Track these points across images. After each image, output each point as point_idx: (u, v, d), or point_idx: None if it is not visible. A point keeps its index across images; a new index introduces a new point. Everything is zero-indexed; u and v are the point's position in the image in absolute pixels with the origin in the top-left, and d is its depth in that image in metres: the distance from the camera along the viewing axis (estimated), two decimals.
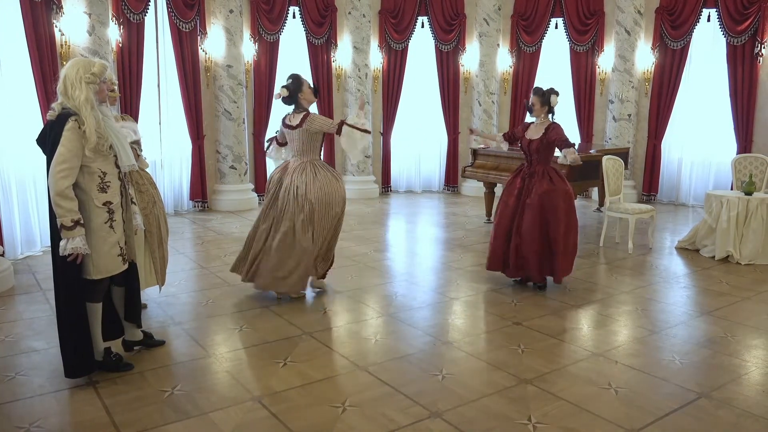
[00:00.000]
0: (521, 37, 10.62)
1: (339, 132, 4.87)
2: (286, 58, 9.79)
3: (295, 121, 4.91)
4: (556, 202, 5.21)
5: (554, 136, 5.21)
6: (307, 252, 4.85)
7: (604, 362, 3.96)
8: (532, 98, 5.31)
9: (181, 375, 3.69)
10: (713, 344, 4.29)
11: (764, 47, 9.22)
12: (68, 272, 3.34)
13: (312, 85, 5.00)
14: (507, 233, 5.38)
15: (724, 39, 9.45)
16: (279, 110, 9.78)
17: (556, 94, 5.30)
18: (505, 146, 5.83)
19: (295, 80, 4.92)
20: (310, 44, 9.90)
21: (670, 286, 5.70)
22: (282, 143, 5.23)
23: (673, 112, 10.04)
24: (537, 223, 5.21)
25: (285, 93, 4.88)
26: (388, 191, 11.14)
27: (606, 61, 10.29)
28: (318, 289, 5.31)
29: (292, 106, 4.98)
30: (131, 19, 7.91)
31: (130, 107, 7.91)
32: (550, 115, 5.34)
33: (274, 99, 9.59)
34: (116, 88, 4.28)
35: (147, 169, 4.66)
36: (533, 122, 5.43)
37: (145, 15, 8.10)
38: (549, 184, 5.23)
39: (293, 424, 3.14)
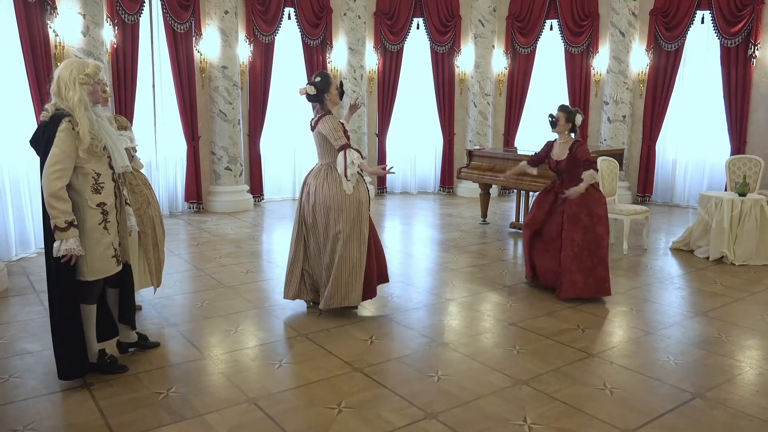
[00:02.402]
0: (516, 39, 10.64)
1: (338, 151, 4.56)
2: (281, 59, 9.79)
3: (313, 122, 4.68)
4: (586, 211, 5.16)
5: (581, 154, 5.15)
6: (351, 260, 4.62)
7: (599, 363, 3.97)
8: (558, 113, 5.25)
9: (176, 377, 3.68)
10: (708, 345, 4.30)
11: (758, 49, 9.27)
12: (62, 274, 3.33)
13: (339, 86, 4.69)
14: (532, 242, 5.44)
15: (718, 41, 9.49)
16: (275, 112, 9.82)
17: (581, 114, 5.28)
18: (534, 171, 5.78)
19: (324, 79, 4.59)
20: (305, 45, 9.89)
21: (664, 287, 5.72)
22: None
23: (667, 113, 10.08)
24: (578, 236, 5.13)
25: (312, 91, 4.55)
26: (383, 192, 11.15)
27: (601, 62, 10.32)
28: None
29: (316, 107, 4.69)
30: (126, 20, 7.89)
31: (124, 109, 7.88)
32: (572, 134, 5.30)
33: (269, 100, 9.64)
34: (108, 89, 4.26)
35: (142, 170, 4.65)
36: (555, 141, 5.40)
37: (140, 16, 8.08)
38: (584, 197, 5.16)
39: (289, 426, 3.14)
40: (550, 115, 5.28)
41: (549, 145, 5.46)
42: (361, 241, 4.65)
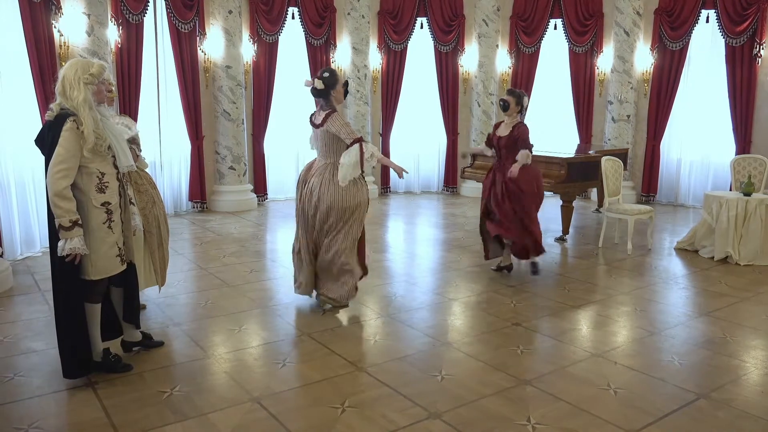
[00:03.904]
0: (520, 38, 10.62)
1: (350, 144, 4.55)
2: (285, 59, 9.79)
3: (319, 120, 4.64)
4: (524, 185, 5.66)
5: (518, 134, 5.67)
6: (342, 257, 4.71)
7: (603, 363, 3.96)
8: (508, 98, 5.76)
9: (180, 376, 3.69)
10: (712, 345, 4.29)
11: (763, 48, 9.22)
12: (67, 273, 3.34)
13: (345, 85, 4.69)
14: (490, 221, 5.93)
15: (723, 40, 9.45)
16: (278, 111, 9.82)
17: (527, 96, 5.89)
18: (489, 152, 6.15)
19: (332, 75, 4.59)
20: (309, 45, 9.89)
21: (669, 287, 5.71)
22: None
23: (672, 112, 10.05)
24: (510, 202, 5.67)
25: (320, 85, 4.55)
26: (387, 192, 11.14)
27: (605, 62, 10.30)
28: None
29: (320, 102, 4.68)
30: (130, 19, 7.91)
31: (129, 108, 7.91)
32: (519, 116, 5.80)
33: (273, 99, 9.65)
34: (114, 88, 4.27)
35: (146, 170, 4.65)
36: (503, 121, 5.88)
37: (144, 16, 8.10)
38: (521, 171, 5.65)
39: (292, 425, 3.14)
40: (502, 100, 5.80)
41: (497, 125, 6.00)
42: (353, 243, 4.77)
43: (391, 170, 11.24)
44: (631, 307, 5.09)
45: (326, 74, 4.59)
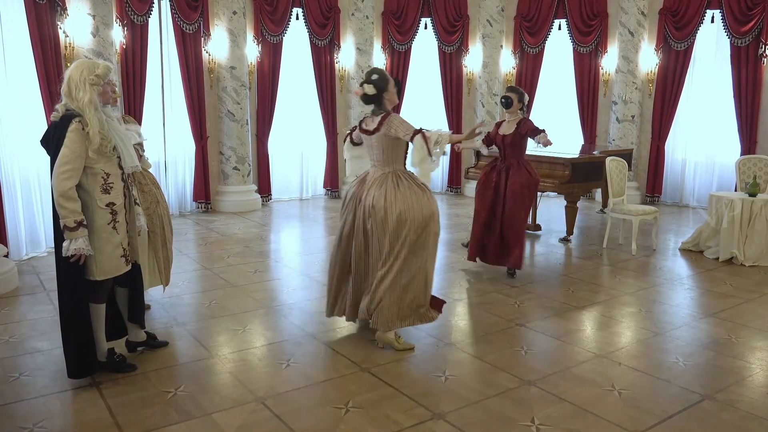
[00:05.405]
0: (524, 39, 10.61)
1: (411, 140, 3.99)
2: (289, 59, 9.81)
3: (373, 125, 4.11)
4: (527, 191, 5.74)
5: (525, 128, 5.72)
6: (421, 272, 4.10)
7: (607, 364, 3.95)
8: (511, 94, 5.84)
9: (185, 376, 3.70)
10: (717, 346, 4.28)
11: None
12: (71, 273, 3.35)
13: (396, 83, 4.22)
14: (486, 224, 5.88)
15: (728, 40, 9.43)
16: (283, 112, 9.84)
17: (527, 94, 6.05)
18: (485, 150, 6.21)
19: (383, 77, 4.09)
20: (313, 46, 9.90)
21: (673, 288, 5.69)
22: (357, 143, 4.48)
23: (676, 113, 10.02)
24: (517, 210, 5.70)
25: (371, 91, 4.07)
26: None
27: (609, 62, 10.27)
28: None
29: (371, 108, 4.19)
30: (135, 20, 7.93)
31: (134, 109, 7.94)
32: (520, 112, 5.89)
33: (277, 100, 9.67)
34: (117, 89, 4.29)
35: (150, 170, 4.67)
36: (505, 120, 5.97)
37: (149, 17, 8.12)
38: (528, 176, 5.76)
39: (296, 425, 3.15)
40: (504, 97, 5.86)
41: (498, 125, 6.05)
42: (427, 254, 4.14)
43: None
44: (636, 308, 5.08)
45: (375, 76, 4.10)
